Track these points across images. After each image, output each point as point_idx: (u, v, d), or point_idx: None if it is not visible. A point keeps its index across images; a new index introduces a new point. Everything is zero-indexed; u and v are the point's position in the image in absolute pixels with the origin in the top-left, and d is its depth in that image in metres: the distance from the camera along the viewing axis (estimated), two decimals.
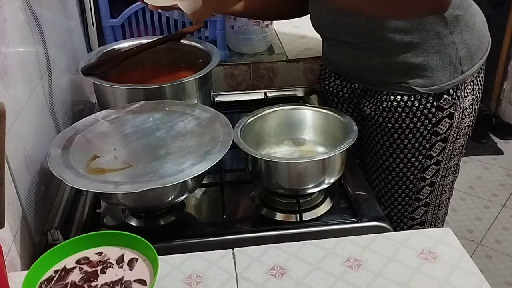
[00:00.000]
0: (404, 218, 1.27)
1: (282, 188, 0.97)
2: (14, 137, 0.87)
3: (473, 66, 1.12)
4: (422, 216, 1.28)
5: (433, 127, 1.13)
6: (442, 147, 1.17)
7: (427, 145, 1.16)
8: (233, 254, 0.82)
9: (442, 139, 1.15)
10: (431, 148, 1.16)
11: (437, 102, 1.11)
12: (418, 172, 1.19)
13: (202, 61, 1.21)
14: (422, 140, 1.15)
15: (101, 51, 1.24)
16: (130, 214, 0.98)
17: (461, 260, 0.80)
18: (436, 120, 1.13)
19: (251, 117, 1.05)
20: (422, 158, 1.17)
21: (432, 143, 1.15)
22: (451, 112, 1.13)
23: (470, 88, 1.14)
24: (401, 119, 1.14)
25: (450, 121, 1.13)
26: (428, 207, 1.27)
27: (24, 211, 0.89)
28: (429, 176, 1.20)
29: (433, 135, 1.15)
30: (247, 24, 1.44)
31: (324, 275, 0.78)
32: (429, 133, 1.14)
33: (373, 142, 1.22)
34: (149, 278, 0.71)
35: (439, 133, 1.14)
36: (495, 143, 2.88)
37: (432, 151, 1.17)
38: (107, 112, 1.05)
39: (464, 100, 1.13)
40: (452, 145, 1.18)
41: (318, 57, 1.47)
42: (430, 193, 1.23)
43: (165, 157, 0.90)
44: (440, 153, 1.17)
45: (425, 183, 1.21)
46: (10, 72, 0.88)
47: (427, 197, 1.24)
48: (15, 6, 0.94)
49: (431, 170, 1.19)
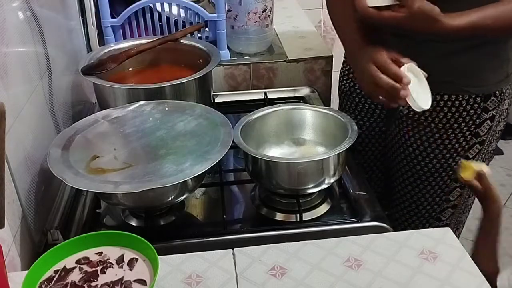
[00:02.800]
0: (430, 219, 1.26)
1: (282, 188, 0.97)
2: (14, 137, 0.87)
3: None
4: (448, 218, 1.26)
5: (476, 128, 1.13)
6: (478, 149, 1.16)
7: (466, 146, 1.15)
8: (233, 254, 0.82)
9: (480, 142, 1.15)
10: (469, 149, 1.15)
11: (484, 103, 1.10)
12: (453, 173, 1.17)
13: (202, 61, 1.21)
14: (462, 141, 1.14)
15: (101, 51, 1.24)
16: (130, 214, 0.98)
17: (461, 260, 0.80)
18: (479, 122, 1.12)
19: (251, 117, 1.05)
20: (459, 158, 1.16)
21: (471, 144, 1.15)
22: (493, 114, 1.13)
23: (509, 92, 1.14)
24: (446, 119, 1.12)
25: (491, 123, 1.13)
26: (455, 209, 1.25)
27: (24, 211, 0.89)
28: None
29: (474, 137, 1.14)
30: (247, 24, 1.44)
31: (324, 275, 0.77)
32: (471, 134, 1.13)
33: (405, 140, 1.19)
34: (149, 278, 0.70)
35: (479, 134, 1.14)
36: None
37: (469, 153, 1.16)
38: (107, 112, 1.05)
39: (504, 103, 1.13)
40: (486, 148, 1.17)
41: (318, 57, 1.47)
42: (459, 195, 1.22)
43: (165, 157, 0.90)
44: (476, 156, 1.17)
45: (457, 184, 1.20)
46: (10, 72, 0.88)
47: (456, 199, 1.23)
48: (15, 6, 0.94)
49: None
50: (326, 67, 1.48)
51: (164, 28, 1.41)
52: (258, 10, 1.43)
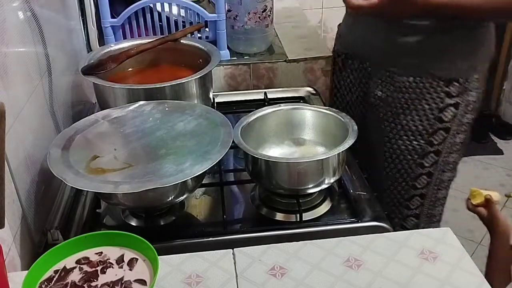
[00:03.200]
0: (399, 206, 1.32)
1: (282, 188, 0.97)
2: (14, 137, 0.87)
3: (483, 63, 1.21)
4: (417, 208, 1.32)
5: (439, 113, 1.19)
6: (444, 137, 1.22)
7: (430, 130, 1.21)
8: (233, 254, 0.82)
9: (445, 129, 1.21)
10: (433, 134, 1.22)
11: (447, 87, 1.17)
12: (418, 157, 1.24)
13: (202, 61, 1.21)
14: (426, 124, 1.21)
15: (101, 51, 1.24)
16: (130, 214, 0.98)
17: (461, 260, 0.80)
18: (442, 106, 1.19)
19: (251, 117, 1.05)
20: (423, 142, 1.22)
21: (435, 129, 1.21)
22: (458, 102, 1.19)
23: (476, 85, 1.20)
24: (410, 100, 1.20)
25: (455, 111, 1.20)
26: (424, 200, 1.31)
27: (24, 211, 0.89)
28: (428, 165, 1.25)
29: (437, 121, 1.20)
30: (247, 24, 1.45)
31: (324, 275, 0.77)
32: (434, 118, 1.20)
33: (377, 123, 1.26)
34: (149, 278, 0.70)
35: (443, 120, 1.20)
36: (495, 143, 2.88)
37: (434, 138, 1.22)
38: (107, 112, 1.05)
39: (469, 94, 1.19)
40: (453, 138, 1.23)
41: (318, 57, 1.47)
42: (427, 184, 1.28)
43: (165, 157, 0.90)
44: (441, 143, 1.23)
45: (423, 171, 1.26)
46: (10, 72, 0.88)
47: (423, 187, 1.29)
48: (15, 6, 0.94)
49: (430, 158, 1.24)
50: (326, 67, 1.48)
51: (164, 28, 1.41)
52: (258, 10, 1.43)
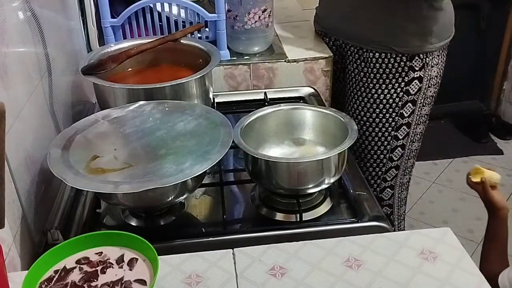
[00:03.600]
0: (377, 179, 1.43)
1: (282, 188, 0.97)
2: (14, 137, 0.87)
3: (439, 42, 1.35)
4: (392, 179, 1.43)
5: (406, 86, 1.34)
6: (412, 109, 1.37)
7: (399, 103, 1.36)
8: (233, 254, 0.82)
9: (412, 101, 1.36)
10: (403, 107, 1.35)
11: (410, 62, 1.32)
12: (392, 130, 1.36)
13: (202, 61, 1.21)
14: (395, 98, 1.35)
15: (101, 51, 1.24)
16: (130, 214, 0.98)
17: (461, 260, 0.80)
18: (408, 80, 1.34)
19: (251, 117, 1.05)
20: (395, 115, 1.35)
21: (404, 101, 1.36)
22: (421, 76, 1.34)
23: (436, 61, 1.36)
24: (379, 74, 1.33)
25: (420, 84, 1.34)
26: (398, 171, 1.43)
27: (24, 211, 0.89)
28: (401, 137, 1.37)
29: (405, 94, 1.35)
30: (247, 24, 1.44)
31: (324, 275, 0.78)
32: (402, 91, 1.35)
33: (351, 98, 1.39)
34: (149, 278, 0.70)
35: (410, 93, 1.35)
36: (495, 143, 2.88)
37: (404, 111, 1.35)
38: (107, 112, 1.05)
39: (431, 69, 1.35)
40: (419, 110, 1.38)
41: (318, 57, 1.47)
42: (401, 155, 1.40)
43: (165, 157, 0.90)
44: (410, 115, 1.38)
45: (398, 143, 1.38)
46: (10, 72, 0.88)
47: (399, 159, 1.41)
48: (15, 6, 0.94)
49: (403, 131, 1.37)
50: (326, 67, 1.48)
51: (164, 28, 1.41)
52: (258, 10, 1.43)
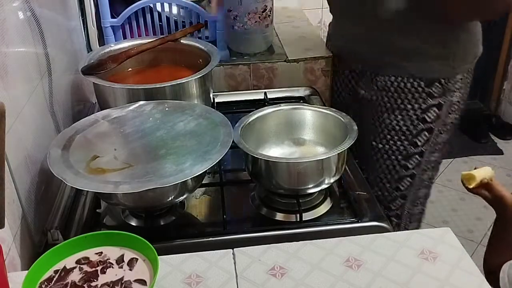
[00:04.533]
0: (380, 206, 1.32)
1: (282, 188, 0.97)
2: (14, 137, 0.87)
3: (463, 65, 1.22)
4: (398, 208, 1.33)
5: (422, 113, 1.22)
6: (427, 137, 1.24)
7: (414, 131, 1.23)
8: (233, 254, 0.82)
9: (428, 129, 1.23)
10: (417, 135, 1.24)
11: (428, 88, 1.20)
12: (402, 158, 1.26)
13: (202, 61, 1.21)
14: (409, 125, 1.23)
15: (101, 51, 1.24)
16: (130, 214, 0.98)
17: (461, 260, 0.80)
18: (425, 107, 1.21)
19: (251, 117, 1.05)
20: (407, 143, 1.25)
21: (418, 130, 1.23)
22: (440, 103, 1.22)
23: (459, 86, 1.23)
24: (393, 99, 1.22)
25: (438, 112, 1.22)
26: (405, 200, 1.33)
27: (24, 211, 0.89)
28: (411, 167, 1.27)
29: (421, 122, 1.22)
30: (247, 24, 1.44)
31: (324, 275, 0.78)
32: (417, 119, 1.22)
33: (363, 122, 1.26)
34: (149, 278, 0.70)
35: (426, 120, 1.22)
36: (495, 143, 2.88)
37: (418, 139, 1.24)
38: (107, 112, 1.05)
39: (452, 94, 1.22)
40: (436, 138, 1.25)
41: (318, 57, 1.47)
42: (409, 185, 1.30)
43: (165, 157, 0.90)
44: (424, 144, 1.25)
45: (407, 172, 1.28)
46: (10, 72, 0.88)
47: (406, 189, 1.31)
48: (15, 6, 0.94)
49: (414, 160, 1.27)
50: (326, 67, 1.48)
51: (164, 28, 1.41)
52: (258, 10, 1.43)
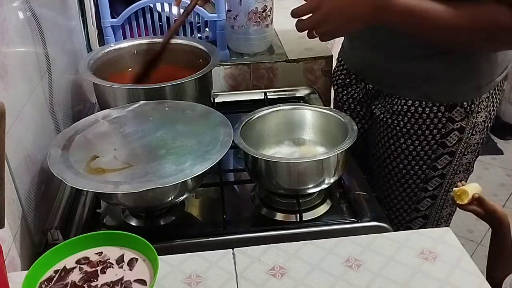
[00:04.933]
0: (400, 227, 1.25)
1: (282, 188, 0.97)
2: (14, 137, 0.87)
3: (491, 82, 1.08)
4: (420, 227, 1.25)
5: (442, 138, 1.10)
6: (448, 161, 1.13)
7: (432, 156, 1.13)
8: (233, 254, 0.82)
9: (449, 153, 1.12)
10: (436, 159, 1.13)
11: (449, 113, 1.08)
12: (420, 182, 1.17)
13: (202, 61, 1.21)
14: (428, 150, 1.12)
15: (101, 51, 1.24)
16: (130, 214, 0.98)
17: (461, 260, 0.80)
18: (445, 132, 1.09)
19: (251, 117, 1.05)
20: (426, 168, 1.14)
21: (438, 154, 1.12)
22: (462, 126, 1.09)
23: (485, 104, 1.10)
24: (410, 124, 1.11)
25: (460, 135, 1.10)
26: (427, 220, 1.24)
27: (24, 211, 0.89)
28: (432, 188, 1.18)
29: (440, 147, 1.11)
30: (247, 24, 1.44)
31: (324, 275, 0.77)
32: (436, 144, 1.11)
33: (379, 144, 1.20)
34: (149, 278, 0.70)
35: (447, 145, 1.11)
36: (495, 143, 2.88)
37: (438, 163, 1.13)
38: (107, 112, 1.05)
39: (477, 115, 1.09)
40: (459, 160, 1.14)
41: (318, 57, 1.47)
42: (430, 205, 1.21)
43: (165, 157, 0.90)
44: (445, 167, 1.14)
45: (426, 194, 1.19)
46: (10, 72, 0.88)
47: (427, 209, 1.22)
48: (15, 6, 0.94)
49: (434, 182, 1.17)
50: (326, 67, 1.48)
51: (164, 28, 1.41)
52: (258, 10, 1.43)
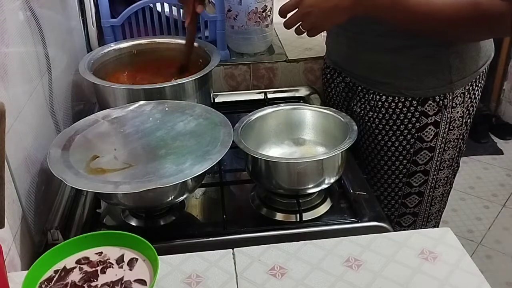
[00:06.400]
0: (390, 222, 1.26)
1: (282, 188, 0.97)
2: (14, 137, 0.87)
3: (464, 77, 1.09)
4: (410, 225, 1.27)
5: (417, 132, 1.13)
6: (429, 156, 1.16)
7: (411, 150, 1.15)
8: (233, 254, 0.82)
9: (429, 148, 1.14)
10: (416, 154, 1.15)
11: (421, 107, 1.10)
12: (403, 177, 1.19)
13: (202, 61, 1.21)
14: (406, 144, 1.15)
15: (101, 51, 1.24)
16: (130, 214, 0.98)
17: (461, 260, 0.80)
18: (420, 126, 1.12)
19: (251, 117, 1.05)
20: (406, 162, 1.17)
21: (416, 148, 1.15)
22: (437, 120, 1.11)
23: (460, 100, 1.11)
24: (385, 120, 1.15)
25: (436, 130, 1.12)
26: (417, 218, 1.26)
27: (24, 211, 0.89)
28: (417, 185, 1.20)
29: (418, 141, 1.14)
30: (247, 24, 1.44)
31: (324, 275, 0.78)
32: (413, 138, 1.14)
33: (361, 141, 1.23)
34: (149, 278, 0.71)
35: (424, 140, 1.13)
36: (495, 143, 2.89)
37: (418, 158, 1.16)
38: (107, 112, 1.05)
39: (452, 110, 1.11)
40: (440, 156, 1.17)
41: (318, 57, 1.47)
42: (418, 203, 1.23)
43: (165, 157, 0.90)
44: (427, 163, 1.17)
45: (412, 190, 1.21)
46: (10, 72, 0.88)
47: (415, 206, 1.24)
48: (15, 6, 0.94)
49: (418, 178, 1.19)
50: None
51: (164, 28, 1.41)
52: (258, 10, 1.43)
